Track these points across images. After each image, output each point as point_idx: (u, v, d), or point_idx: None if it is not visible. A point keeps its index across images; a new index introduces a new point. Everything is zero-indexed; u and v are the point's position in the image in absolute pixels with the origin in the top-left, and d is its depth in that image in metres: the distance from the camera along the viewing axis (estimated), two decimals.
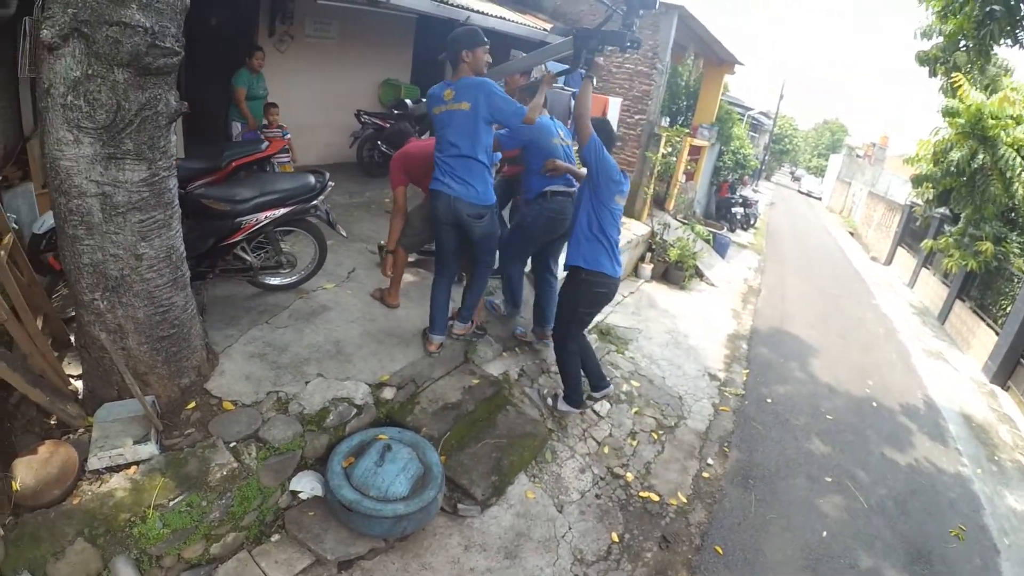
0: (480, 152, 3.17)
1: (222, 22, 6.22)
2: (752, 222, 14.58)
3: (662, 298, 7.12)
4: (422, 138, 4.31)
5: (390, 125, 6.69)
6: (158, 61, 2.16)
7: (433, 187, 3.27)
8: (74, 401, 2.62)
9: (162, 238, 2.46)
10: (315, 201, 3.58)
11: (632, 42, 3.20)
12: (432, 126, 3.34)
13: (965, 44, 6.15)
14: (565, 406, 3.79)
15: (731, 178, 14.02)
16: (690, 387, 4.90)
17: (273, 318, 3.54)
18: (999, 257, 8.15)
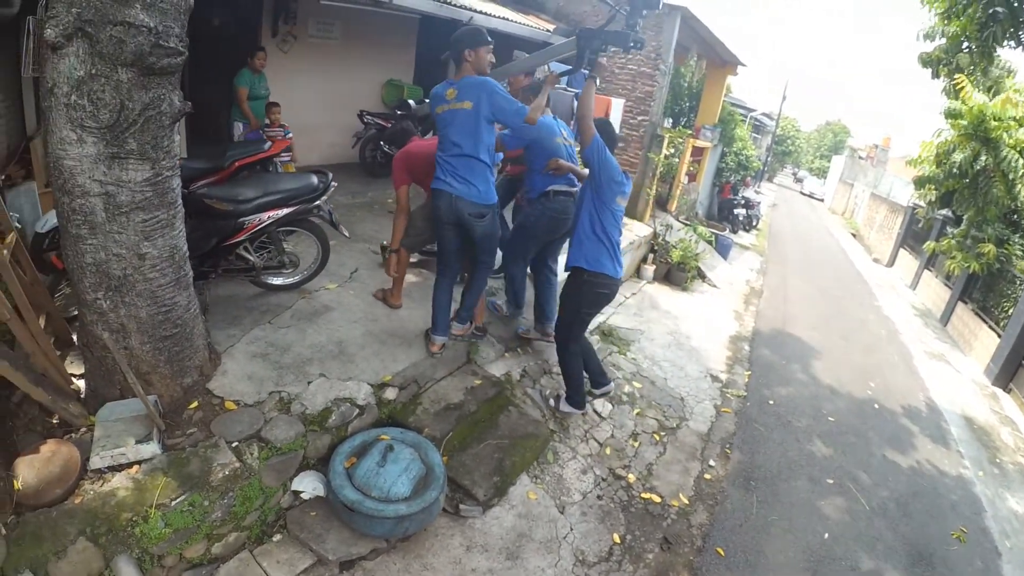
0: (482, 151, 3.16)
1: (225, 22, 6.24)
2: (754, 223, 14.57)
3: (664, 299, 7.11)
4: (424, 138, 4.31)
5: (392, 124, 6.70)
6: (162, 61, 2.16)
7: (435, 186, 3.27)
8: (76, 400, 2.62)
9: (165, 238, 2.46)
10: (318, 201, 3.58)
11: (635, 42, 3.20)
12: (435, 126, 3.35)
13: (968, 46, 6.15)
14: (567, 407, 3.78)
15: (733, 179, 14.01)
16: (692, 388, 4.90)
17: (276, 318, 3.55)
18: (1001, 259, 8.13)
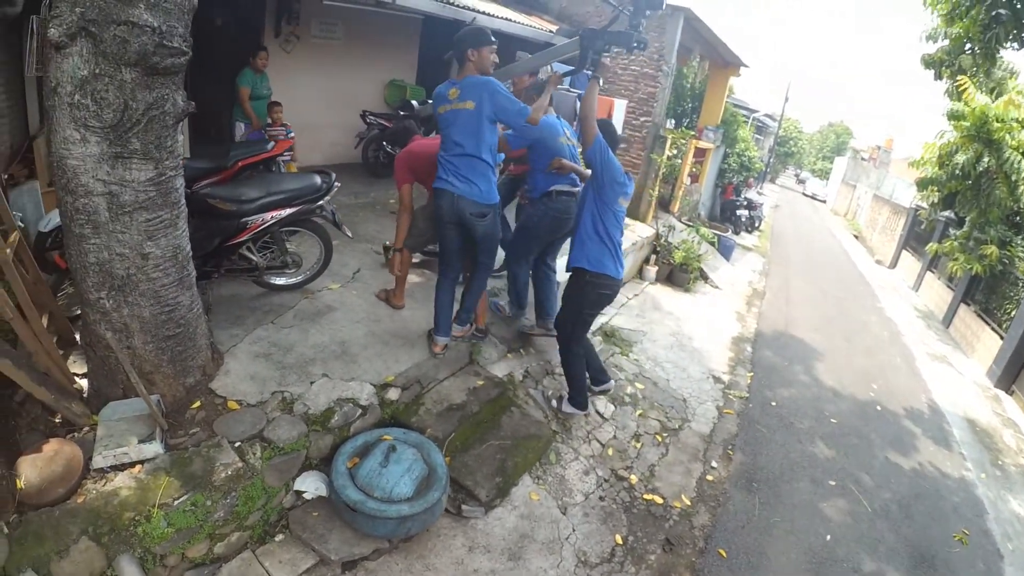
0: (484, 151, 3.16)
1: (228, 22, 6.24)
2: (757, 225, 14.56)
3: (666, 300, 7.10)
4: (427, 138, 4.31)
5: (394, 123, 6.70)
6: (165, 61, 2.16)
7: (437, 186, 3.27)
8: (79, 399, 2.62)
9: (168, 237, 2.46)
10: (321, 201, 3.59)
11: (638, 43, 3.20)
12: (437, 126, 3.34)
13: (971, 47, 6.12)
14: (569, 408, 3.78)
15: (736, 180, 14.00)
16: (694, 390, 4.89)
17: (278, 318, 3.55)
18: (1004, 261, 8.13)
